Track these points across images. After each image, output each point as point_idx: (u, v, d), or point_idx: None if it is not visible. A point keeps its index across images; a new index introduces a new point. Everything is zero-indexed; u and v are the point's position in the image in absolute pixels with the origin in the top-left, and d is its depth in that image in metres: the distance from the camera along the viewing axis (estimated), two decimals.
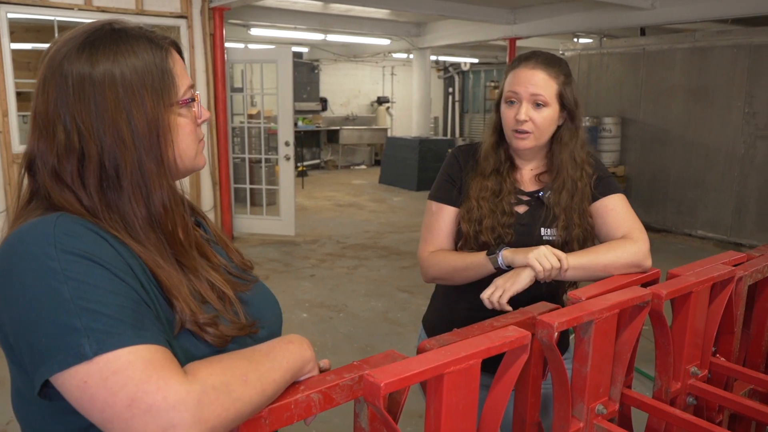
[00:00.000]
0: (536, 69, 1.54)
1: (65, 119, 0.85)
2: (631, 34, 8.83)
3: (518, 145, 1.56)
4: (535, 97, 1.53)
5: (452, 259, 1.60)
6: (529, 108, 1.53)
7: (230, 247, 1.11)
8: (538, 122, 1.54)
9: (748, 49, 6.66)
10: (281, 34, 10.27)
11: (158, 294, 0.85)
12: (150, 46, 0.91)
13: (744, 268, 1.59)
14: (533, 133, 1.54)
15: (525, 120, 1.52)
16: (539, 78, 1.53)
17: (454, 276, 1.59)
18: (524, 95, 1.53)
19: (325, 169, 13.95)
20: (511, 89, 1.55)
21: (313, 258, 6.26)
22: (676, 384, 1.46)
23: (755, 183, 6.74)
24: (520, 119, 1.53)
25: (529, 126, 1.54)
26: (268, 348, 0.88)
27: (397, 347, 4.28)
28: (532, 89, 1.52)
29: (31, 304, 0.75)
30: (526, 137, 1.55)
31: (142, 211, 0.88)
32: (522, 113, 1.52)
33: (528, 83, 1.53)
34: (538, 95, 1.52)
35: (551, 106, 1.54)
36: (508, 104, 1.57)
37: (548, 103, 1.54)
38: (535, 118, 1.53)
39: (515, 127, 1.55)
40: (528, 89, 1.52)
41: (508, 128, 1.57)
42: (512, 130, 1.56)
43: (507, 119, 1.57)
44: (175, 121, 0.93)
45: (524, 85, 1.53)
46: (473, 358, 1.00)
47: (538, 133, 1.55)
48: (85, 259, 0.77)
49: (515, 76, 1.56)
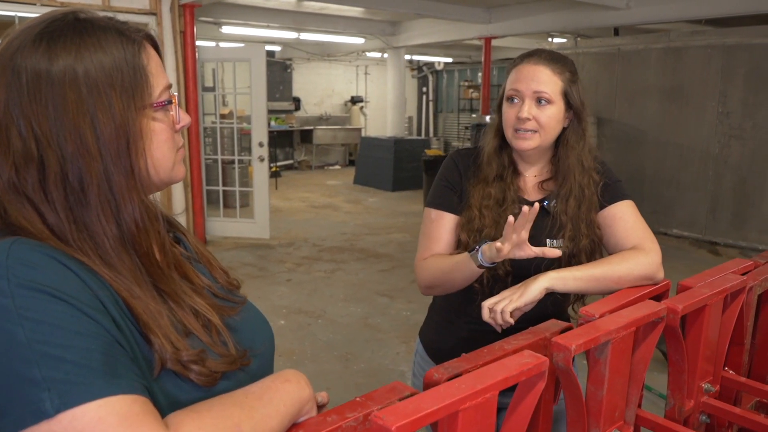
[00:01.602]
0: (539, 65, 1.44)
1: (19, 123, 0.72)
2: (606, 34, 8.86)
3: (520, 145, 1.46)
4: (538, 94, 1.43)
5: (441, 262, 1.49)
6: (532, 106, 1.43)
7: (214, 265, 0.99)
8: (542, 120, 1.44)
9: (722, 50, 6.70)
10: (253, 33, 10.08)
11: (134, 329, 0.73)
12: (120, 39, 0.78)
13: (753, 278, 1.51)
14: (537, 132, 1.44)
15: (528, 118, 1.42)
16: (543, 74, 1.43)
17: (444, 281, 1.48)
18: (526, 92, 1.43)
19: (299, 170, 13.77)
20: (513, 87, 1.45)
21: (289, 262, 6.11)
22: (689, 402, 1.37)
23: (729, 182, 6.79)
24: (522, 116, 1.42)
25: (532, 125, 1.43)
26: (262, 389, 0.77)
27: (378, 354, 4.17)
28: (535, 86, 1.42)
29: None
30: (529, 137, 1.45)
31: (113, 229, 0.75)
32: (524, 111, 1.42)
33: (530, 80, 1.43)
34: (541, 92, 1.43)
35: (555, 103, 1.44)
36: (510, 102, 1.47)
37: (552, 100, 1.44)
38: (539, 116, 1.43)
39: (517, 126, 1.45)
40: (530, 86, 1.43)
41: (509, 128, 1.47)
42: (514, 130, 1.46)
43: (508, 118, 1.47)
44: (148, 126, 0.80)
45: (526, 81, 1.43)
46: (490, 390, 0.89)
47: (542, 132, 1.45)
48: (45, 293, 0.65)
49: (517, 73, 1.46)
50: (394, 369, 3.72)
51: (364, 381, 3.55)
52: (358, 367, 3.74)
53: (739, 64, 6.58)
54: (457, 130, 15.16)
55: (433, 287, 1.55)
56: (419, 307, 4.77)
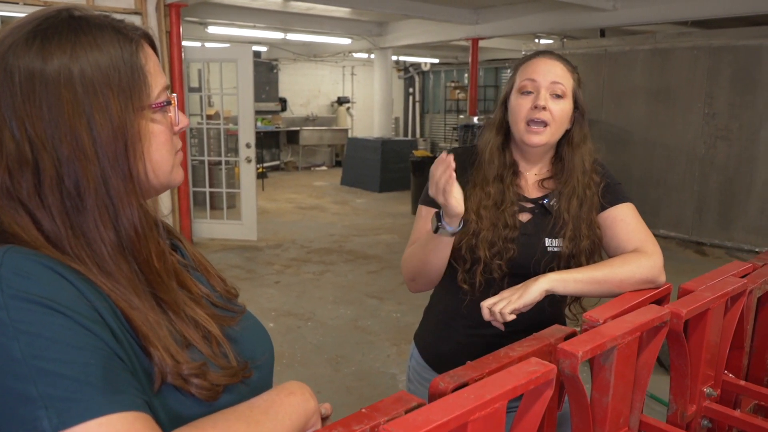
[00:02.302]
0: (555, 60, 1.45)
1: (12, 125, 0.69)
2: (592, 36, 8.90)
3: (531, 139, 1.44)
4: (555, 86, 1.42)
5: (414, 249, 1.46)
6: (547, 96, 1.42)
7: (212, 273, 0.96)
8: (556, 113, 1.42)
9: (707, 51, 6.75)
10: (240, 33, 10.01)
11: (133, 342, 0.69)
12: (117, 37, 0.75)
13: (753, 280, 1.50)
14: (550, 125, 1.43)
15: (544, 106, 1.40)
16: (559, 69, 1.44)
17: (422, 266, 1.43)
18: (543, 83, 1.42)
19: (285, 171, 13.71)
20: (529, 77, 1.44)
21: (277, 264, 6.06)
22: (691, 407, 1.36)
23: (715, 183, 6.84)
24: (539, 104, 1.40)
25: (547, 116, 1.42)
26: (266, 403, 0.73)
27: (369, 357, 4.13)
28: (552, 77, 1.42)
29: None
30: (542, 131, 1.43)
31: (111, 235, 0.72)
32: (541, 98, 1.41)
33: (548, 71, 1.43)
34: (558, 83, 1.42)
35: (567, 100, 1.45)
36: (523, 94, 1.45)
37: (566, 95, 1.44)
38: (554, 108, 1.42)
39: (532, 116, 1.42)
40: (548, 77, 1.42)
41: (521, 121, 1.44)
42: (526, 122, 1.44)
43: (522, 110, 1.44)
44: (146, 128, 0.77)
45: (543, 73, 1.42)
46: (498, 400, 0.87)
47: (554, 126, 1.44)
48: (41, 306, 0.61)
49: (532, 65, 1.45)
50: (385, 372, 3.70)
51: (355, 384, 3.52)
52: (348, 370, 3.70)
53: (725, 65, 6.63)
54: (443, 131, 15.16)
55: (415, 278, 1.50)
56: (409, 309, 4.75)
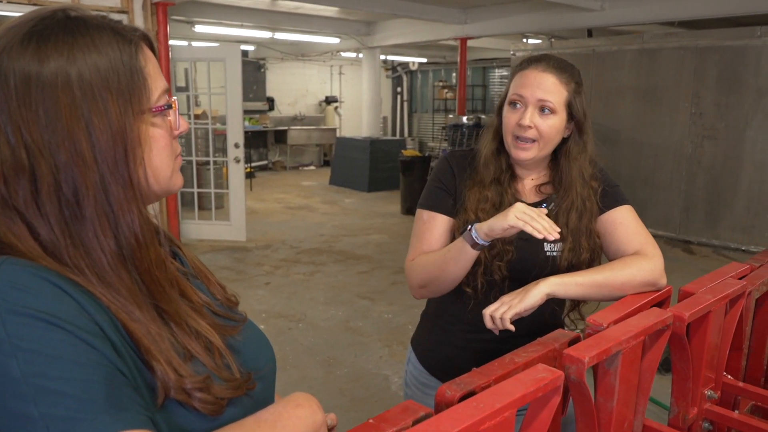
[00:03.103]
0: (546, 72, 1.40)
1: (7, 131, 0.66)
2: (580, 36, 8.94)
3: (518, 155, 1.42)
4: (542, 103, 1.39)
5: (433, 257, 1.44)
6: (534, 113, 1.39)
7: (212, 281, 0.93)
8: (543, 130, 1.40)
9: (694, 51, 6.80)
10: (227, 32, 9.94)
11: (134, 355, 0.67)
12: (116, 39, 0.72)
13: (752, 282, 1.50)
14: (537, 142, 1.41)
15: (529, 126, 1.38)
16: (549, 82, 1.39)
17: (438, 275, 1.42)
18: (530, 99, 1.39)
19: (273, 171, 13.64)
20: (517, 92, 1.41)
21: (267, 264, 6.02)
22: (693, 410, 1.36)
23: (702, 182, 6.90)
24: (524, 124, 1.38)
25: (533, 133, 1.40)
26: (274, 416, 0.71)
27: (361, 358, 4.10)
28: (540, 94, 1.39)
29: None
30: (528, 147, 1.41)
31: (111, 244, 0.69)
32: (526, 118, 1.38)
33: (536, 87, 1.39)
34: (545, 101, 1.39)
35: (558, 114, 1.41)
36: (512, 107, 1.43)
37: (556, 110, 1.40)
38: (540, 125, 1.39)
39: (517, 133, 1.41)
40: (535, 94, 1.39)
41: (509, 133, 1.43)
42: (514, 137, 1.42)
43: (509, 123, 1.43)
44: (146, 132, 0.74)
45: (531, 88, 1.39)
46: (508, 409, 0.85)
47: (542, 142, 1.41)
48: (40, 320, 0.59)
49: (523, 78, 1.42)
50: (377, 373, 3.68)
51: (348, 386, 3.49)
52: (341, 372, 3.68)
53: (711, 65, 6.68)
54: (432, 131, 15.16)
55: (427, 285, 1.48)
56: (401, 310, 4.73)
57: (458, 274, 1.41)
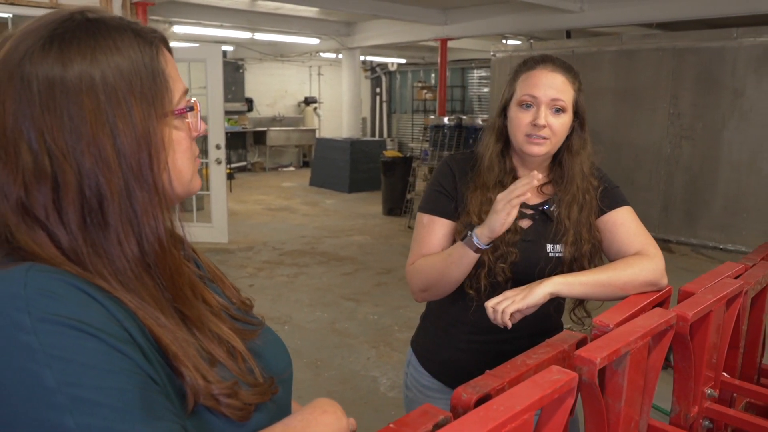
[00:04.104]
0: (555, 72, 1.42)
1: (30, 136, 0.64)
2: (559, 37, 9.03)
3: (533, 150, 1.43)
4: (555, 102, 1.41)
5: (433, 260, 1.45)
6: (548, 113, 1.41)
7: (227, 284, 0.92)
8: (556, 129, 1.42)
9: (672, 53, 6.90)
10: (206, 32, 9.85)
11: (163, 362, 0.65)
12: (137, 40, 0.71)
13: (748, 281, 1.53)
14: (551, 139, 1.42)
15: (544, 125, 1.40)
16: (559, 82, 1.41)
17: (440, 278, 1.44)
18: (543, 99, 1.40)
19: (253, 172, 13.55)
20: (529, 92, 1.42)
21: (250, 267, 5.98)
22: (694, 408, 1.37)
23: (681, 182, 7.00)
24: (540, 123, 1.40)
25: (547, 132, 1.41)
26: (302, 423, 0.71)
27: (349, 360, 4.08)
28: (553, 93, 1.40)
29: (3, 398, 0.54)
30: (542, 143, 1.42)
31: (134, 250, 0.68)
32: (541, 118, 1.40)
33: (548, 87, 1.41)
34: (558, 100, 1.41)
35: (568, 112, 1.43)
36: (523, 108, 1.44)
37: (566, 109, 1.42)
38: (554, 124, 1.41)
39: (531, 132, 1.42)
40: (548, 93, 1.40)
41: (521, 133, 1.44)
42: (526, 135, 1.43)
43: (521, 123, 1.43)
44: (170, 135, 0.73)
45: (544, 88, 1.41)
46: (528, 411, 0.85)
47: (555, 140, 1.43)
48: (72, 328, 0.57)
49: (533, 78, 1.43)
50: (365, 375, 3.67)
51: (337, 388, 3.48)
52: (329, 374, 3.67)
53: (689, 67, 6.79)
54: (411, 131, 15.19)
55: (428, 289, 1.49)
56: (386, 311, 4.73)
57: (459, 277, 1.42)
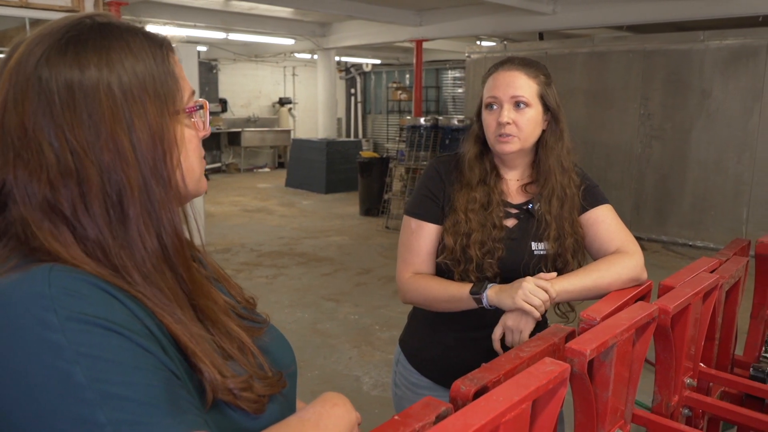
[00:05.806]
0: (513, 70, 1.47)
1: (50, 135, 0.66)
2: (532, 39, 9.15)
3: (503, 149, 1.48)
4: (516, 98, 1.46)
5: (433, 288, 1.50)
6: (510, 110, 1.46)
7: (231, 283, 0.94)
8: (522, 124, 1.46)
9: (642, 55, 7.06)
10: (179, 32, 9.75)
11: (181, 358, 0.68)
12: (147, 43, 0.73)
13: (723, 275, 1.59)
14: (517, 135, 1.47)
15: (507, 122, 1.45)
16: (518, 79, 1.46)
17: (436, 306, 1.52)
18: (504, 98, 1.46)
19: (227, 173, 13.46)
20: (491, 94, 1.48)
21: (228, 268, 5.94)
22: (674, 397, 1.43)
23: (651, 180, 7.17)
24: (503, 122, 1.45)
25: (512, 129, 1.46)
26: (315, 416, 0.73)
27: (331, 360, 4.10)
28: (512, 91, 1.45)
29: (34, 395, 0.56)
30: (511, 140, 1.47)
31: (153, 243, 0.70)
32: (504, 116, 1.45)
33: (507, 85, 1.46)
34: (518, 96, 1.45)
35: (533, 106, 1.47)
36: (489, 109, 1.49)
37: (530, 103, 1.47)
38: (518, 119, 1.46)
39: (499, 131, 1.47)
40: (507, 91, 1.46)
41: (492, 134, 1.49)
42: (497, 135, 1.48)
43: (489, 125, 1.49)
44: (182, 132, 0.75)
45: (503, 87, 1.46)
46: (526, 401, 0.89)
47: (522, 135, 1.47)
48: (98, 326, 0.59)
49: (494, 81, 1.49)
50: (348, 374, 3.70)
51: (320, 388, 3.49)
52: (311, 374, 3.68)
53: (658, 68, 6.96)
54: (386, 132, 15.24)
55: (419, 305, 1.59)
56: (366, 311, 4.76)
57: (455, 310, 1.49)
